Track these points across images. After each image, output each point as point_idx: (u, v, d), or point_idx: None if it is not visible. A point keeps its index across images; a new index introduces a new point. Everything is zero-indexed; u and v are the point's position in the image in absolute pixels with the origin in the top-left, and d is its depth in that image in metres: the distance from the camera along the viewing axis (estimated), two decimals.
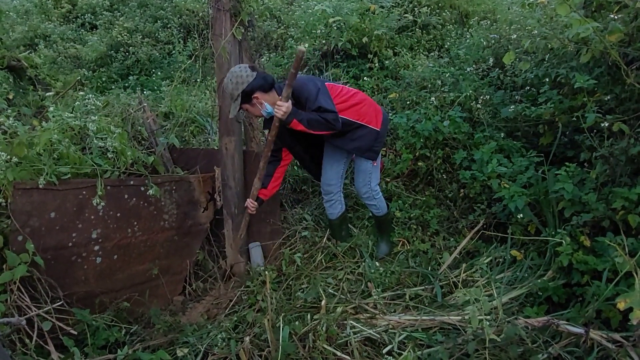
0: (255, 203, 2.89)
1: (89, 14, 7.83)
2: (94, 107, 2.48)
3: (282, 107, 2.40)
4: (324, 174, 2.99)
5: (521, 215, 2.74)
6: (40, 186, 2.30)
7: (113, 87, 6.14)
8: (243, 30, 2.93)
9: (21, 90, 3.38)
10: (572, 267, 2.35)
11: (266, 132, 3.01)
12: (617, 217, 2.33)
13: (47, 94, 2.50)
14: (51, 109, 2.32)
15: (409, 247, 3.09)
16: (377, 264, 2.92)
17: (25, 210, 2.31)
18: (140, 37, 6.82)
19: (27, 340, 2.01)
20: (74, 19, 8.03)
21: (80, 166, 2.48)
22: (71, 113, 2.44)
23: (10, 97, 3.13)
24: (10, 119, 2.22)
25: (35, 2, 8.27)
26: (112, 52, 6.76)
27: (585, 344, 1.98)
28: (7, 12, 7.65)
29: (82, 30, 7.72)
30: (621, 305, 1.51)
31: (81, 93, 2.54)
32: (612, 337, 1.96)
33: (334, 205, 3.04)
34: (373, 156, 2.82)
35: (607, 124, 2.52)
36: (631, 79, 2.38)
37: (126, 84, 6.22)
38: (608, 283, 2.15)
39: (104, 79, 6.39)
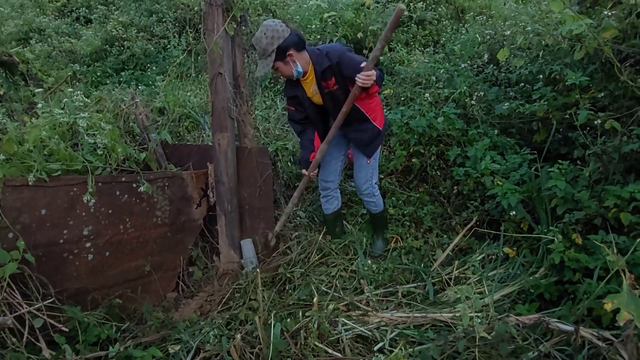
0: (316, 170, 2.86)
1: (83, 8, 7.76)
2: (82, 104, 2.45)
3: (372, 76, 2.27)
4: (322, 170, 2.99)
5: (514, 212, 2.74)
6: (30, 183, 2.28)
7: (108, 81, 6.08)
8: (235, 26, 2.91)
9: (13, 86, 3.35)
10: (564, 264, 2.35)
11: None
12: (609, 215, 2.33)
13: (37, 90, 2.48)
14: (39, 105, 2.30)
15: (402, 244, 3.09)
16: (369, 261, 2.92)
17: (16, 207, 2.29)
18: (135, 31, 6.76)
19: (13, 339, 1.99)
20: (68, 13, 7.96)
21: (71, 163, 2.46)
22: (61, 109, 2.42)
23: (1, 92, 3.10)
24: (0, 115, 2.20)
25: None
26: (107, 46, 6.70)
27: (575, 342, 1.98)
28: (1, 6, 7.59)
29: (77, 24, 7.65)
30: (608, 306, 1.50)
31: (70, 90, 2.51)
32: (602, 335, 1.97)
33: (330, 201, 3.06)
34: (369, 153, 2.81)
35: (599, 122, 2.51)
36: (624, 76, 2.37)
37: (121, 79, 6.17)
38: (599, 281, 2.15)
39: (98, 74, 6.34)
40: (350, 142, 2.91)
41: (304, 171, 2.85)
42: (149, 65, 6.46)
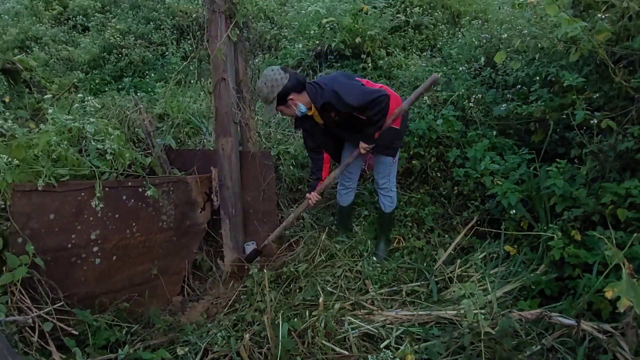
0: (320, 196, 2.96)
1: (80, 16, 7.78)
2: (92, 109, 2.49)
3: (368, 148, 2.68)
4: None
5: (514, 211, 2.80)
6: (39, 188, 2.31)
7: (106, 89, 6.12)
8: (238, 32, 2.96)
9: (16, 93, 3.38)
10: (564, 260, 2.41)
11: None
12: (606, 212, 2.40)
13: (45, 96, 2.51)
14: (50, 111, 2.34)
15: (404, 244, 3.13)
16: (374, 258, 2.96)
17: (25, 212, 2.32)
18: (133, 38, 6.81)
19: (32, 339, 2.02)
20: (65, 21, 7.98)
21: (79, 168, 2.50)
22: (69, 115, 2.46)
23: (7, 100, 3.13)
24: (9, 121, 2.23)
25: (26, 4, 8.21)
26: (105, 54, 6.74)
27: (577, 335, 2.04)
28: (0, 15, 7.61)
29: (74, 32, 7.68)
30: (609, 294, 1.56)
31: (79, 95, 2.55)
32: (602, 327, 2.02)
33: (349, 194, 3.16)
34: (392, 153, 2.88)
35: (596, 121, 2.58)
36: (618, 77, 2.44)
37: (120, 86, 6.21)
38: (598, 276, 2.21)
39: (97, 81, 6.37)
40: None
41: (307, 195, 2.93)
42: (147, 72, 6.50)
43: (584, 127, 2.76)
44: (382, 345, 2.26)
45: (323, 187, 2.92)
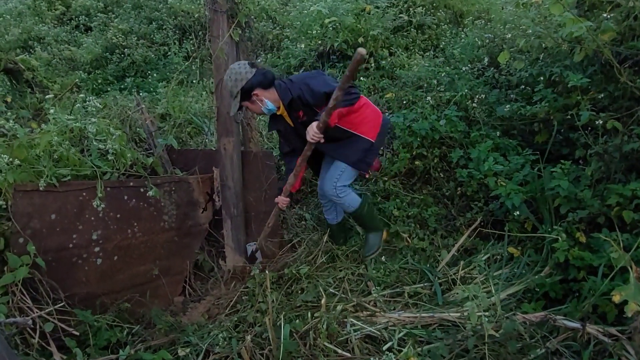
0: (288, 199, 2.81)
1: (83, 16, 7.80)
2: (94, 109, 2.48)
3: (317, 135, 2.30)
4: (321, 180, 2.95)
5: (518, 212, 2.77)
6: (41, 188, 2.30)
7: (109, 89, 6.12)
8: (240, 32, 2.95)
9: (18, 93, 3.38)
10: (569, 263, 2.39)
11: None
12: (612, 213, 2.37)
13: (47, 96, 2.51)
14: (51, 111, 2.33)
15: (408, 244, 3.11)
16: (381, 258, 2.93)
17: (26, 212, 2.31)
18: (136, 38, 6.80)
19: (32, 340, 2.01)
20: (68, 21, 7.99)
21: (80, 168, 2.49)
22: (70, 115, 2.45)
23: (8, 100, 3.13)
24: (10, 121, 2.23)
25: (29, 4, 8.22)
26: (107, 54, 6.74)
27: (582, 339, 2.02)
28: (2, 15, 7.62)
29: (77, 32, 7.69)
30: (616, 298, 1.54)
31: (81, 95, 2.55)
32: (608, 331, 2.00)
33: (328, 211, 3.07)
34: (364, 167, 2.71)
35: (601, 122, 2.56)
36: (624, 77, 2.42)
37: (122, 86, 6.20)
38: (604, 278, 2.18)
39: (99, 81, 6.37)
40: (339, 160, 2.74)
41: (275, 199, 2.83)
42: (149, 72, 6.50)
43: (589, 128, 2.74)
44: (384, 348, 2.24)
45: (288, 187, 2.73)
